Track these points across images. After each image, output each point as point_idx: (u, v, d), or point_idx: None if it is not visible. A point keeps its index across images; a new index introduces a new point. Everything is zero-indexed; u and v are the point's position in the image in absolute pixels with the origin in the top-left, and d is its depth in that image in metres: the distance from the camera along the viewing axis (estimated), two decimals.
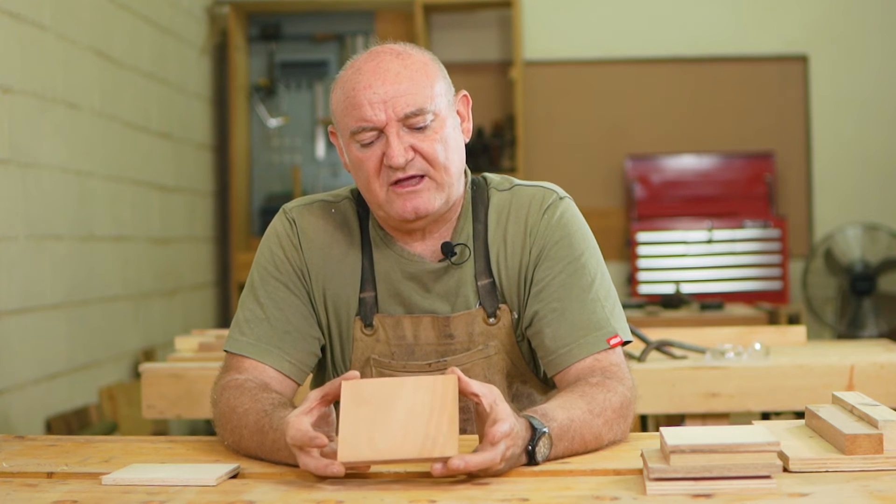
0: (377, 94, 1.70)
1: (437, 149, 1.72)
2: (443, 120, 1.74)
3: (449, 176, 1.75)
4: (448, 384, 1.45)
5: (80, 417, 4.03)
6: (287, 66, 6.10)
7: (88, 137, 4.24)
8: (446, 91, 1.77)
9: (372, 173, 1.73)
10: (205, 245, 5.76)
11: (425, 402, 1.43)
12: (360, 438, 1.42)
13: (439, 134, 1.73)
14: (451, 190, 1.77)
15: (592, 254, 1.82)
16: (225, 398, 1.71)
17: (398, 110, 1.70)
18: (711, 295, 5.52)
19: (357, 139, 1.73)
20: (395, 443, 1.41)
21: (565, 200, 1.85)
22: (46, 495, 1.43)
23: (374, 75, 1.72)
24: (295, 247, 1.84)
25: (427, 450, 1.41)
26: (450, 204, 1.79)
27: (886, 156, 6.14)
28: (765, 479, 1.34)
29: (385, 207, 1.75)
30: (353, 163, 1.76)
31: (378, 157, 1.72)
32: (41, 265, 3.78)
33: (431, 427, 1.42)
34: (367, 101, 1.70)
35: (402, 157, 1.69)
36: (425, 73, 1.74)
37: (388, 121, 1.70)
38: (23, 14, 3.69)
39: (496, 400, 1.46)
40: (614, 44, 6.24)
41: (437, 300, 1.81)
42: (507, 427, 1.43)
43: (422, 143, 1.72)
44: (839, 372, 2.58)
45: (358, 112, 1.71)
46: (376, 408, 1.44)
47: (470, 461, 1.40)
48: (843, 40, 6.16)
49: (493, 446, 1.43)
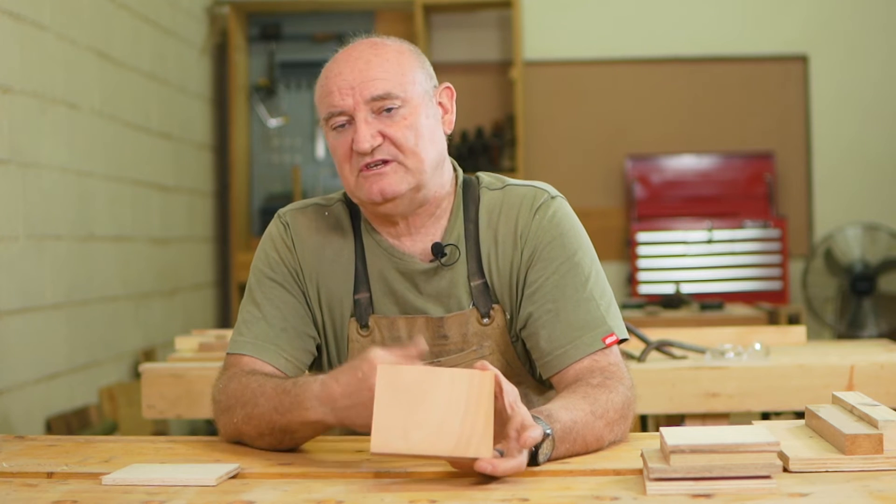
0: (346, 80, 1.73)
1: (407, 135, 1.73)
2: (415, 107, 1.74)
3: (420, 162, 1.74)
4: (485, 381, 1.43)
5: (80, 417, 4.03)
6: (287, 66, 6.10)
7: (88, 137, 4.24)
8: (423, 81, 1.78)
9: (343, 159, 1.75)
10: (205, 245, 5.76)
11: (461, 399, 1.41)
12: (395, 429, 1.40)
13: (409, 120, 1.74)
14: (422, 177, 1.75)
15: (586, 252, 1.81)
16: (235, 382, 1.72)
17: (364, 94, 1.72)
18: (711, 295, 5.52)
19: (330, 125, 1.76)
20: (429, 438, 1.40)
21: (557, 199, 1.84)
22: (46, 495, 1.43)
23: (345, 63, 1.75)
24: (289, 248, 1.85)
25: (461, 449, 1.39)
26: (423, 191, 1.77)
27: (886, 156, 6.13)
28: (765, 479, 1.34)
29: (356, 192, 1.77)
30: (330, 150, 1.80)
31: (348, 142, 1.74)
32: (41, 265, 3.78)
33: (466, 426, 1.40)
34: (336, 88, 1.74)
35: (367, 143, 1.71)
36: (397, 61, 1.76)
37: (355, 105, 1.72)
38: (23, 14, 3.69)
39: (516, 400, 1.45)
40: (614, 44, 6.24)
41: (430, 301, 1.81)
42: (539, 433, 1.43)
43: (390, 128, 1.73)
44: (839, 372, 2.58)
45: (328, 99, 1.75)
46: (412, 398, 1.41)
47: (498, 466, 1.40)
48: (843, 40, 6.16)
49: (520, 452, 1.42)
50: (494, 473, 1.40)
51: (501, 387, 1.45)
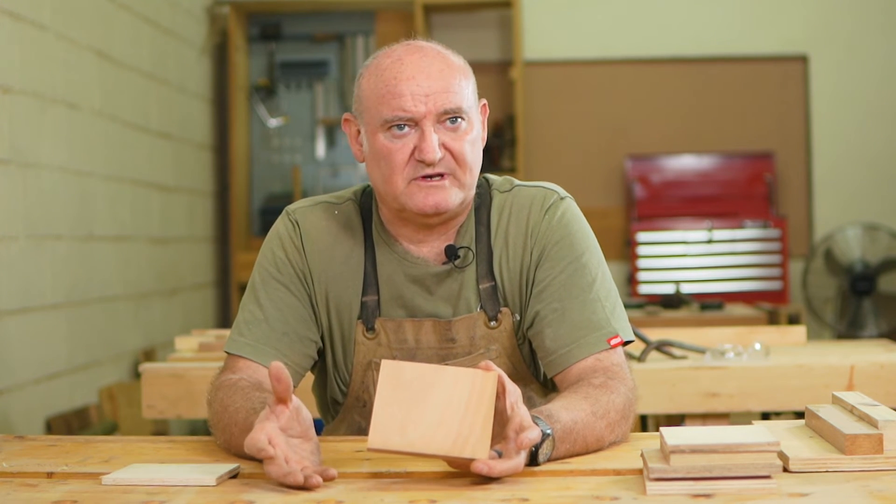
0: (420, 86, 1.71)
1: (467, 149, 1.73)
2: (472, 123, 1.76)
3: (472, 178, 1.76)
4: (487, 382, 1.42)
5: (80, 417, 4.03)
6: (287, 66, 6.10)
7: (88, 137, 4.24)
8: (475, 96, 1.79)
9: (398, 165, 1.72)
10: (205, 245, 5.76)
11: (462, 398, 1.41)
12: (393, 426, 1.40)
13: (469, 135, 1.74)
14: (469, 192, 1.77)
15: (593, 254, 1.82)
16: (219, 397, 1.71)
17: (438, 105, 1.71)
18: (711, 295, 5.52)
19: (389, 129, 1.72)
20: (426, 436, 1.39)
21: (566, 200, 1.85)
22: (46, 495, 1.43)
23: (419, 68, 1.72)
24: (297, 248, 1.84)
25: (458, 448, 1.39)
26: (464, 206, 1.79)
27: (886, 156, 6.13)
28: (765, 479, 1.34)
29: (402, 199, 1.74)
30: (376, 152, 1.75)
31: (409, 149, 1.72)
32: (41, 265, 3.78)
33: (465, 425, 1.40)
34: (409, 92, 1.70)
35: (436, 153, 1.70)
36: (464, 75, 1.76)
37: (426, 114, 1.70)
38: (23, 14, 3.69)
39: (518, 401, 1.45)
40: (614, 44, 6.24)
41: (440, 303, 1.81)
42: (537, 434, 1.42)
43: (454, 141, 1.72)
44: (839, 372, 2.58)
45: (397, 101, 1.71)
46: (413, 394, 1.41)
47: (494, 467, 1.39)
48: (843, 40, 6.16)
49: (517, 453, 1.42)
50: (490, 474, 1.40)
51: (505, 387, 1.44)
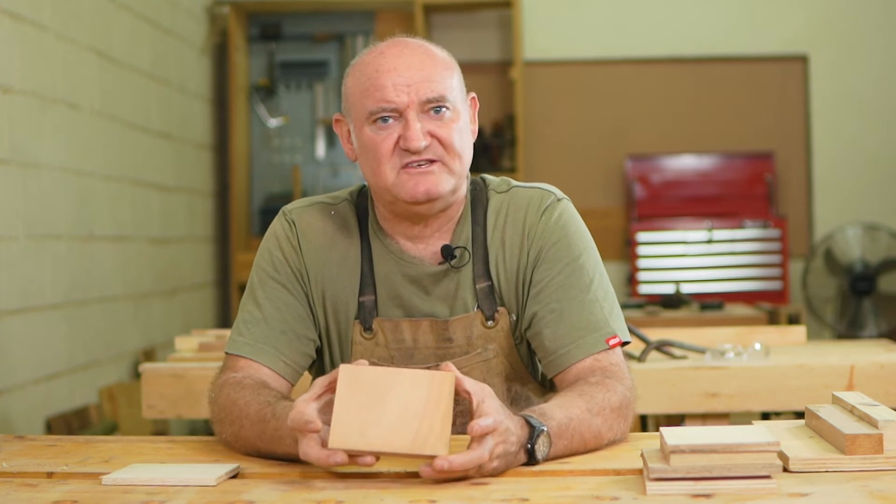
0: (402, 77, 1.72)
1: (455, 136, 1.74)
2: (458, 112, 1.77)
3: (461, 165, 1.77)
4: (445, 382, 1.44)
5: (80, 417, 4.03)
6: (287, 66, 6.10)
7: (88, 137, 4.24)
8: (461, 88, 1.80)
9: (385, 155, 1.73)
10: (205, 245, 5.76)
11: (420, 398, 1.43)
12: (352, 426, 1.42)
13: (456, 124, 1.75)
14: (459, 180, 1.78)
15: (591, 255, 1.82)
16: (225, 393, 1.72)
17: (420, 94, 1.72)
18: (711, 295, 5.52)
19: (374, 121, 1.74)
20: (385, 435, 1.41)
21: (563, 202, 1.85)
22: (46, 495, 1.43)
23: (399, 59, 1.74)
24: (294, 248, 1.84)
25: (417, 446, 1.41)
26: (456, 195, 1.79)
27: (886, 156, 6.14)
28: (765, 479, 1.34)
29: (394, 190, 1.74)
30: (364, 147, 1.76)
31: (394, 139, 1.73)
32: (41, 265, 3.78)
33: (424, 424, 1.41)
34: (390, 84, 1.72)
35: (421, 141, 1.71)
36: (446, 65, 1.77)
37: (409, 104, 1.72)
38: (23, 14, 3.69)
39: (485, 398, 1.45)
40: (614, 44, 6.24)
41: (437, 303, 1.81)
42: (490, 421, 1.42)
43: (440, 129, 1.73)
44: (839, 372, 2.58)
45: (380, 94, 1.72)
46: (371, 397, 1.43)
47: (454, 461, 1.40)
48: (843, 40, 6.16)
49: (479, 444, 1.42)
50: (451, 469, 1.40)
51: (466, 388, 1.45)
